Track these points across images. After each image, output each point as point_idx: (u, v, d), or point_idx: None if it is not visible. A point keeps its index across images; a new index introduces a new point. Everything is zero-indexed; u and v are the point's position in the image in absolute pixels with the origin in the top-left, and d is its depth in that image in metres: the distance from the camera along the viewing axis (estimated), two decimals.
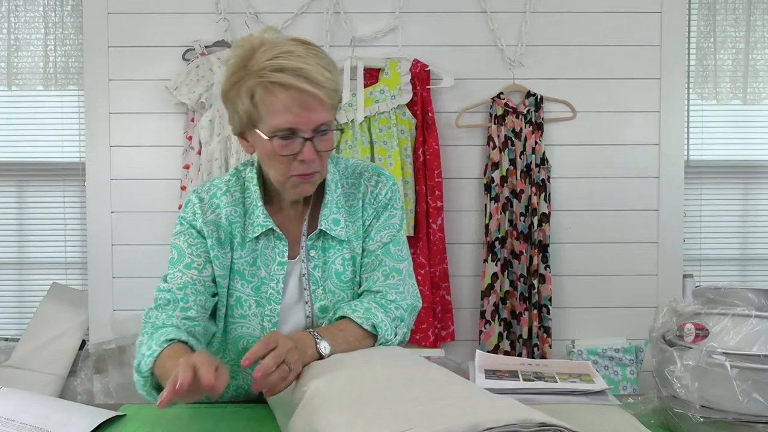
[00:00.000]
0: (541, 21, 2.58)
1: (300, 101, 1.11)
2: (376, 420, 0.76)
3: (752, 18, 2.71)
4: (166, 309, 1.22)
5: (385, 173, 1.33)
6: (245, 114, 1.16)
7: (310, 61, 1.12)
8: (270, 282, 1.24)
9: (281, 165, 1.16)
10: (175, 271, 1.27)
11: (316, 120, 1.13)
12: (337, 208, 1.26)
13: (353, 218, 1.28)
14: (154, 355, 1.12)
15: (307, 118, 1.13)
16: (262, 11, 2.54)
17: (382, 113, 2.47)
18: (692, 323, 1.03)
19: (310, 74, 1.11)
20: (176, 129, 2.56)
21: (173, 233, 1.30)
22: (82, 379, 2.54)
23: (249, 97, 1.14)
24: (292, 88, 1.11)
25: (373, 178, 1.31)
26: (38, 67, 2.70)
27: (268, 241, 1.25)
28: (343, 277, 1.26)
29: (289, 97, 1.11)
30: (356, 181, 1.30)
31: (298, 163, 1.15)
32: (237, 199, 1.26)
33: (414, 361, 1.04)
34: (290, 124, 1.12)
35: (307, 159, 1.14)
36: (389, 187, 1.30)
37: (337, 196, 1.27)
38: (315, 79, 1.11)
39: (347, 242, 1.26)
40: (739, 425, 0.94)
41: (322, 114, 1.14)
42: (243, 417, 1.15)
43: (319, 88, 1.11)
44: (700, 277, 2.84)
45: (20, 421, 1.00)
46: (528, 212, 2.53)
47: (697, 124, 2.81)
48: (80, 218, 2.78)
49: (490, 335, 2.50)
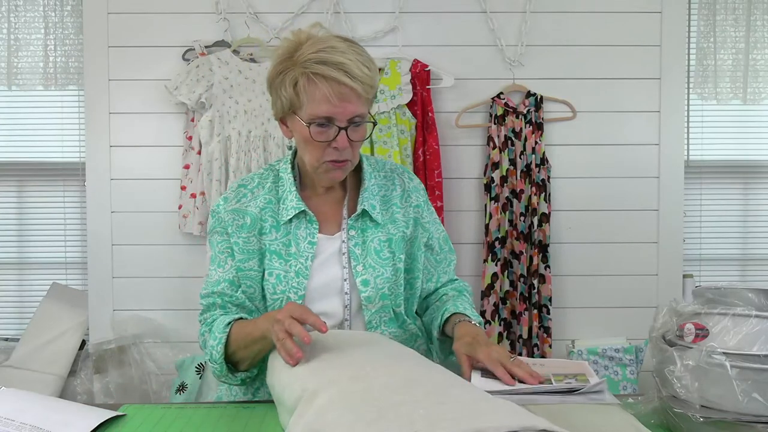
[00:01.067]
0: (541, 21, 2.58)
1: (338, 93, 1.21)
2: (378, 421, 0.76)
3: (752, 18, 2.71)
4: (212, 309, 1.35)
5: (411, 173, 1.49)
6: (287, 101, 1.26)
7: (351, 57, 1.22)
8: (299, 258, 1.32)
9: (316, 151, 1.27)
10: (212, 270, 1.38)
11: (351, 111, 1.23)
12: (373, 195, 1.38)
13: (387, 205, 1.40)
14: (222, 342, 1.25)
15: (343, 108, 1.22)
16: (262, 11, 2.54)
17: (382, 113, 2.47)
18: (692, 323, 1.03)
19: (349, 68, 1.20)
20: (176, 129, 2.56)
21: (209, 229, 1.41)
22: (82, 379, 2.54)
23: (292, 86, 1.24)
24: (333, 80, 1.20)
25: (405, 174, 1.46)
26: (38, 67, 2.70)
27: (300, 222, 1.34)
28: (381, 255, 1.35)
29: (329, 88, 1.21)
30: (389, 175, 1.43)
31: (332, 150, 1.26)
32: (269, 188, 1.37)
33: (416, 361, 1.04)
34: (328, 113, 1.22)
35: (340, 147, 1.24)
36: (420, 185, 1.48)
37: (372, 185, 1.39)
38: (353, 73, 1.21)
39: (382, 226, 1.37)
40: (739, 425, 0.94)
41: (357, 106, 1.23)
42: (243, 417, 1.15)
43: (356, 81, 1.21)
44: (700, 277, 2.84)
45: (20, 421, 1.00)
46: (528, 212, 2.53)
47: (697, 124, 2.81)
48: (80, 218, 2.78)
49: (490, 335, 2.50)
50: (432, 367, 0.99)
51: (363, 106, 1.25)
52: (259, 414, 1.16)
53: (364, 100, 1.24)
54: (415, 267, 1.40)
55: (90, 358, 2.52)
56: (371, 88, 1.25)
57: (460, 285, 1.49)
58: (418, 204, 1.43)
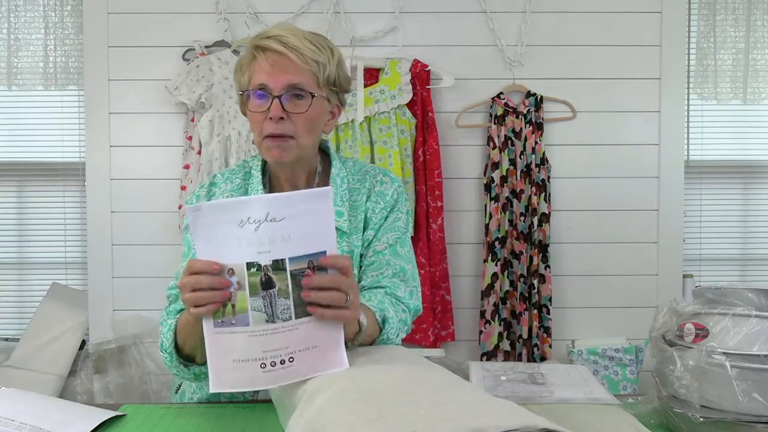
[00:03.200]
0: (541, 21, 2.58)
1: (273, 60, 1.21)
2: (378, 421, 0.76)
3: (752, 18, 2.71)
4: (176, 301, 1.29)
5: (391, 175, 1.38)
6: (239, 84, 1.27)
7: (297, 33, 1.22)
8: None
9: (257, 126, 1.24)
10: (181, 266, 1.34)
11: (285, 80, 1.20)
12: (341, 202, 1.30)
13: (355, 212, 1.32)
14: (172, 328, 1.18)
15: (276, 76, 1.20)
16: (262, 11, 2.54)
17: (382, 113, 2.47)
18: (692, 323, 1.03)
19: (288, 40, 1.21)
20: (176, 129, 2.56)
21: (183, 226, 1.38)
22: (82, 379, 2.54)
23: (241, 68, 1.26)
24: (268, 50, 1.21)
25: (379, 176, 1.36)
26: (38, 67, 2.70)
27: None
28: None
29: (265, 59, 1.21)
30: (362, 178, 1.35)
31: (268, 122, 1.22)
32: (237, 185, 1.34)
33: (415, 362, 1.04)
34: (263, 81, 1.21)
35: (272, 115, 1.20)
36: (395, 189, 1.35)
37: (342, 190, 1.32)
38: (292, 44, 1.20)
39: (347, 235, 1.30)
40: (739, 425, 0.94)
41: (294, 76, 1.21)
42: (243, 417, 1.15)
43: (292, 50, 1.20)
44: (700, 277, 2.84)
45: (20, 421, 1.00)
46: (528, 212, 2.53)
47: (697, 124, 2.81)
48: (80, 218, 2.79)
49: (490, 335, 2.50)
50: (431, 368, 0.99)
51: (301, 76, 1.21)
52: (259, 414, 1.16)
53: (303, 71, 1.21)
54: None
55: (90, 358, 2.52)
56: (317, 64, 1.22)
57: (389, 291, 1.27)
58: (384, 207, 1.32)
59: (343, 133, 2.47)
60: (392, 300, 1.25)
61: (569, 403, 1.12)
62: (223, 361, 0.96)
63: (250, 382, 0.95)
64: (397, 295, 1.27)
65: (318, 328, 0.96)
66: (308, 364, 0.94)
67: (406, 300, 1.29)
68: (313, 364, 0.94)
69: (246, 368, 0.95)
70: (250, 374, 0.95)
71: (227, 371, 0.96)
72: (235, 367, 0.95)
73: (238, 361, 0.96)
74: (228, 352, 0.96)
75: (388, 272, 1.30)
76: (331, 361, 0.95)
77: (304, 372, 0.94)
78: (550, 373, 1.29)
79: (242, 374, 0.95)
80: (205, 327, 0.97)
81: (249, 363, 0.95)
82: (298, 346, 0.95)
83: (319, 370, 0.94)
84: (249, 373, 0.95)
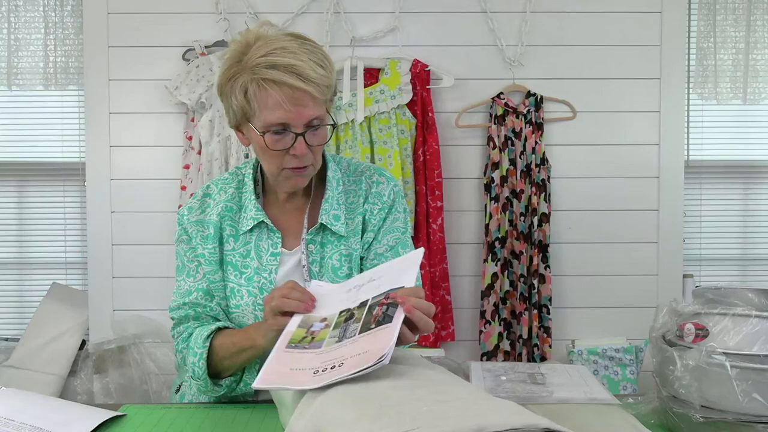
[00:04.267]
0: (541, 21, 2.58)
1: (291, 97, 1.13)
2: (381, 419, 0.76)
3: (752, 18, 2.71)
4: (184, 321, 1.29)
5: (386, 174, 1.35)
6: (239, 109, 1.19)
7: (303, 58, 1.14)
8: (263, 272, 1.26)
9: (274, 159, 1.20)
10: (180, 280, 1.32)
11: (307, 116, 1.16)
12: (338, 205, 1.29)
13: (352, 215, 1.30)
14: (203, 357, 1.21)
15: (298, 114, 1.15)
16: (262, 11, 2.54)
17: (382, 113, 2.47)
18: (692, 323, 1.03)
19: (302, 71, 1.13)
20: (176, 129, 2.56)
21: (175, 238, 1.35)
22: (82, 379, 2.54)
23: (243, 93, 1.16)
24: (284, 85, 1.13)
25: (375, 176, 1.34)
26: (38, 67, 2.70)
27: (262, 233, 1.28)
28: (339, 272, 1.28)
29: (281, 94, 1.13)
30: (357, 179, 1.33)
31: (291, 157, 1.19)
32: (231, 195, 1.31)
33: (415, 362, 1.04)
34: (282, 119, 1.15)
35: (299, 153, 1.17)
36: (391, 188, 1.33)
37: (338, 192, 1.30)
38: (307, 76, 1.13)
39: (345, 238, 1.28)
40: (739, 425, 0.94)
41: (313, 110, 1.16)
42: (243, 417, 1.15)
43: (310, 84, 1.13)
44: (700, 277, 2.84)
45: (20, 421, 1.00)
46: (528, 212, 2.53)
47: (697, 124, 2.81)
48: (80, 218, 2.79)
49: (490, 335, 2.50)
50: (432, 368, 0.99)
51: (319, 108, 1.17)
52: (259, 414, 1.16)
53: (320, 102, 1.16)
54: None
55: (90, 358, 2.52)
56: (327, 89, 1.17)
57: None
58: (381, 208, 1.31)
59: (343, 133, 2.47)
60: None
61: (569, 403, 1.12)
62: (281, 368, 0.98)
63: (297, 383, 0.95)
64: None
65: (375, 338, 0.96)
66: (354, 364, 0.94)
67: None
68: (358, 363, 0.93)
69: (300, 374, 0.96)
70: (300, 378, 0.95)
71: (279, 374, 0.97)
72: (289, 373, 0.97)
73: (295, 369, 0.97)
74: (290, 363, 0.99)
75: None
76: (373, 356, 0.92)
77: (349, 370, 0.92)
78: (550, 373, 1.29)
79: (293, 377, 0.96)
80: (277, 346, 1.02)
81: (304, 371, 0.96)
82: (351, 353, 0.96)
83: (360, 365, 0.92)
84: (299, 377, 0.96)
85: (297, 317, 1.07)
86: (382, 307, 0.99)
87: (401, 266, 1.08)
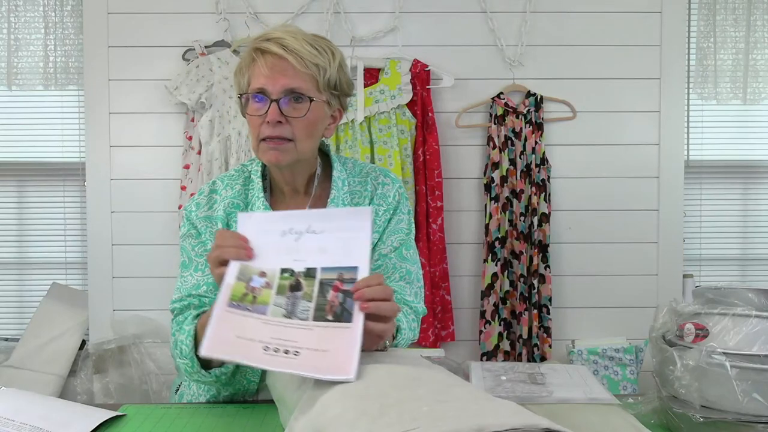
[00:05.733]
0: (541, 21, 2.58)
1: (273, 64, 1.18)
2: (381, 418, 0.76)
3: (752, 18, 2.71)
4: (185, 311, 1.26)
5: (392, 176, 1.37)
6: (238, 86, 1.25)
7: (297, 35, 1.20)
8: None
9: (254, 129, 1.22)
10: (186, 275, 1.30)
11: (283, 83, 1.18)
12: (343, 204, 1.29)
13: None
14: (191, 333, 1.18)
15: (274, 79, 1.18)
16: (262, 11, 2.54)
17: (382, 113, 2.47)
18: (692, 323, 1.03)
19: (287, 43, 1.18)
20: (176, 129, 2.56)
21: (181, 234, 1.33)
22: (82, 379, 2.54)
23: (240, 69, 1.24)
24: (267, 53, 1.19)
25: (380, 177, 1.34)
26: (38, 67, 2.70)
27: None
28: None
29: (265, 62, 1.19)
30: (363, 180, 1.33)
31: (266, 126, 1.20)
32: (237, 192, 1.31)
33: (415, 361, 1.04)
34: (261, 84, 1.19)
35: (269, 119, 1.18)
36: (396, 190, 1.34)
37: (344, 193, 1.30)
38: (291, 47, 1.18)
39: None
40: (739, 425, 0.94)
41: (292, 80, 1.18)
42: (243, 417, 1.15)
43: (291, 53, 1.17)
44: (700, 277, 2.84)
45: (20, 421, 1.00)
46: (528, 212, 2.53)
47: (697, 124, 2.81)
48: (80, 218, 2.79)
49: (490, 335, 2.51)
50: (432, 368, 0.99)
51: (300, 80, 1.18)
52: (259, 414, 1.16)
53: (302, 74, 1.18)
54: None
55: (90, 358, 2.52)
56: (317, 68, 1.19)
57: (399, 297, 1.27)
58: (386, 209, 1.32)
59: (343, 133, 2.47)
60: (404, 309, 1.26)
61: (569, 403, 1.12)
62: (225, 333, 0.97)
63: (245, 357, 0.94)
64: (406, 299, 1.28)
65: (334, 336, 0.95)
66: (313, 364, 0.93)
67: (414, 304, 1.29)
68: (319, 365, 0.92)
69: (246, 345, 0.95)
70: (248, 351, 0.94)
71: (225, 342, 0.96)
72: (236, 341, 0.95)
73: (242, 338, 0.96)
74: (234, 327, 0.97)
75: (395, 276, 1.29)
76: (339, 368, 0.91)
77: (307, 369, 0.92)
78: (550, 373, 1.29)
79: (240, 349, 0.95)
80: (218, 303, 1.00)
81: (252, 342, 0.95)
82: (308, 344, 0.95)
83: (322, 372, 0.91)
84: (248, 350, 0.94)
85: (234, 265, 1.04)
86: (337, 295, 0.98)
87: (349, 224, 1.03)
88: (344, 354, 0.92)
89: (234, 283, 1.02)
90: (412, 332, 1.27)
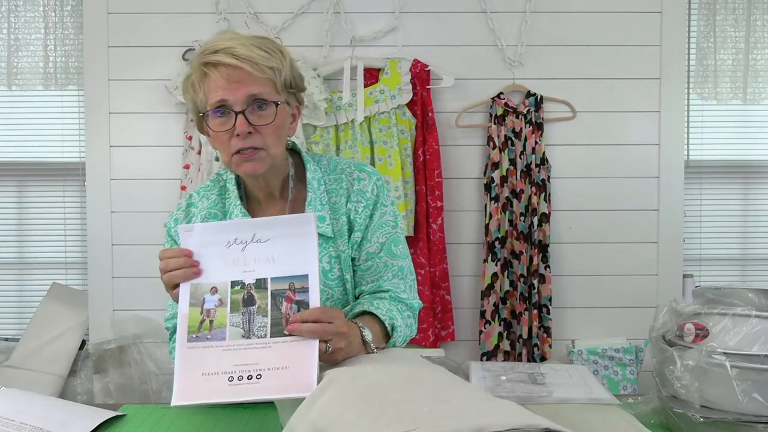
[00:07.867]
0: (541, 21, 2.58)
1: (228, 76, 1.15)
2: (381, 419, 0.76)
3: (752, 18, 2.71)
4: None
5: (368, 169, 1.31)
6: (193, 103, 1.21)
7: (244, 42, 1.16)
8: None
9: (223, 145, 1.19)
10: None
11: (244, 92, 1.15)
12: (321, 205, 1.25)
13: (336, 215, 1.26)
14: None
15: (233, 90, 1.15)
16: (262, 11, 2.54)
17: (382, 113, 2.47)
18: (692, 323, 1.03)
19: (238, 51, 1.15)
20: (176, 129, 2.56)
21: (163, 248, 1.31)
22: (82, 379, 2.54)
23: (191, 86, 1.19)
24: (220, 65, 1.15)
25: (355, 173, 1.29)
26: (38, 67, 2.70)
27: None
28: (329, 275, 1.26)
29: (218, 74, 1.15)
30: (338, 177, 1.29)
31: (236, 139, 1.17)
32: (214, 202, 1.30)
33: (415, 362, 1.04)
34: (220, 97, 1.15)
35: (239, 131, 1.15)
36: (373, 183, 1.29)
37: (320, 193, 1.26)
38: (243, 54, 1.14)
39: (333, 239, 1.26)
40: (739, 425, 0.94)
41: (252, 87, 1.16)
42: (243, 417, 1.15)
43: (244, 61, 1.14)
44: (700, 277, 2.84)
45: (20, 421, 1.00)
46: (528, 212, 2.53)
47: (697, 124, 2.81)
48: (80, 218, 2.79)
49: (490, 335, 2.51)
50: (432, 368, 0.99)
51: (260, 86, 1.16)
52: (259, 414, 1.16)
53: (262, 80, 1.16)
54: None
55: (90, 358, 2.52)
56: (272, 71, 1.17)
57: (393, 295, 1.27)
58: (366, 206, 1.27)
59: (343, 133, 2.47)
60: (398, 306, 1.25)
61: (569, 403, 1.12)
62: (191, 374, 0.98)
63: (215, 394, 0.96)
64: (401, 297, 1.27)
65: (292, 350, 0.97)
66: (275, 383, 0.95)
67: (409, 301, 1.28)
68: (281, 384, 0.94)
69: (213, 382, 0.96)
70: (216, 387, 0.96)
71: (194, 384, 0.97)
72: (202, 381, 0.97)
73: (208, 374, 0.97)
74: (198, 366, 0.98)
75: (388, 275, 1.27)
76: (299, 384, 0.94)
77: (270, 391, 0.95)
78: (550, 373, 1.29)
79: (208, 386, 0.96)
80: (178, 340, 1.00)
81: (218, 376, 0.96)
82: (268, 364, 0.96)
83: (285, 391, 0.94)
84: (215, 386, 0.96)
85: (184, 288, 1.04)
86: (291, 306, 1.00)
87: (294, 231, 1.04)
88: (304, 369, 0.95)
89: (188, 311, 1.03)
90: (409, 329, 1.26)
